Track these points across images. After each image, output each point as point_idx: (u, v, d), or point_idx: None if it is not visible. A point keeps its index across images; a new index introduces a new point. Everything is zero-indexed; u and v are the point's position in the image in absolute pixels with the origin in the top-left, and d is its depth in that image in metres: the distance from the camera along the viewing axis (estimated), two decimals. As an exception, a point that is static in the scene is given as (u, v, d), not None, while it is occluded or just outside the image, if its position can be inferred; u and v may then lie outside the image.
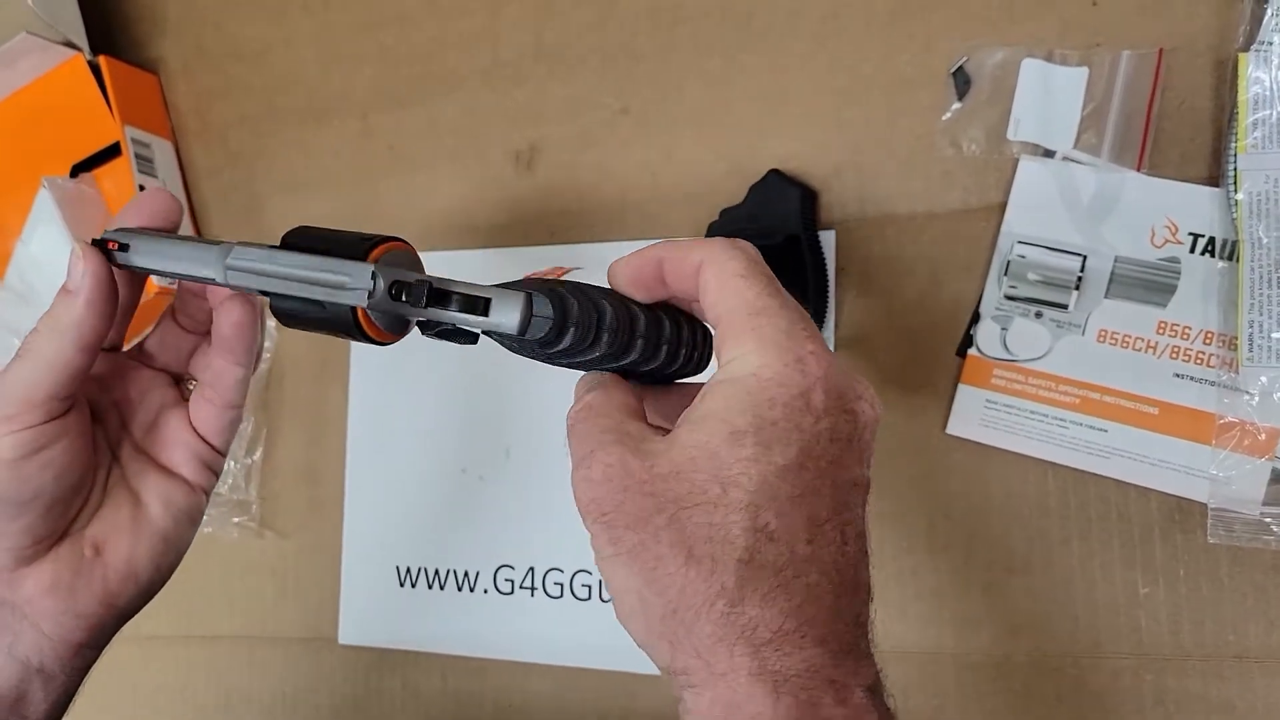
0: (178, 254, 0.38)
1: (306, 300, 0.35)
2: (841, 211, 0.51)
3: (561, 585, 0.55)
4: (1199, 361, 0.46)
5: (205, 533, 0.44)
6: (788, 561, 0.29)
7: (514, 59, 0.58)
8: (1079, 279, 0.47)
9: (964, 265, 0.49)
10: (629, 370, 0.35)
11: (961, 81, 0.49)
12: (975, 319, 0.49)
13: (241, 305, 0.40)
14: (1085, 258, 0.47)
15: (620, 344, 0.34)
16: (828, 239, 0.51)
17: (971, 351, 0.49)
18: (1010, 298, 0.48)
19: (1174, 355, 0.46)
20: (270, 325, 0.61)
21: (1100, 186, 0.47)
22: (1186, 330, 0.46)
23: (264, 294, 0.37)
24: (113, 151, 0.62)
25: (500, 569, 0.57)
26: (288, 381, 0.63)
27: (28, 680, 0.39)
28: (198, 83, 0.66)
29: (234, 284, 0.37)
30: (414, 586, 0.59)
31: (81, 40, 0.62)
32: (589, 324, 0.33)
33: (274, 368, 0.63)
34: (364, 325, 0.35)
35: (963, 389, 0.49)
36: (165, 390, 0.43)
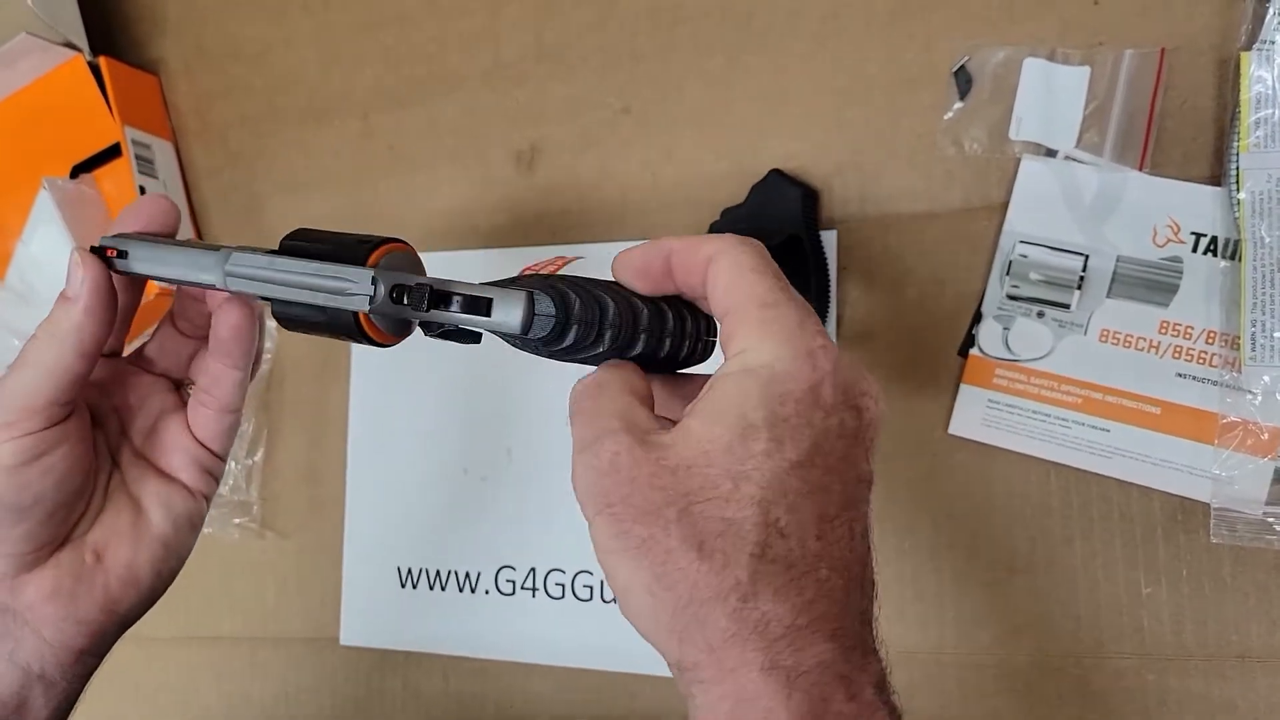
0: (176, 260, 0.38)
1: (308, 306, 0.35)
2: (843, 211, 0.51)
3: (563, 586, 0.55)
4: (1201, 361, 0.46)
5: (206, 534, 0.44)
6: (799, 557, 0.29)
7: (515, 59, 0.58)
8: (1081, 278, 0.47)
9: (966, 265, 0.49)
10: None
11: (963, 81, 0.49)
12: (977, 319, 0.49)
13: (238, 309, 0.39)
14: (1087, 257, 0.47)
15: (624, 339, 0.34)
16: (829, 239, 0.51)
17: (973, 351, 0.49)
18: (1012, 297, 0.48)
19: (1176, 355, 0.46)
20: (271, 326, 0.61)
21: (1102, 186, 0.47)
22: (1189, 330, 0.46)
23: (265, 299, 0.37)
24: (113, 152, 0.62)
25: (502, 570, 0.57)
26: (288, 382, 0.63)
27: (29, 687, 0.39)
28: (198, 83, 0.66)
29: (234, 290, 0.37)
30: (415, 587, 0.59)
31: (81, 41, 0.62)
32: (592, 320, 0.33)
33: (275, 368, 0.63)
34: (366, 329, 0.35)
35: (965, 389, 0.49)
36: (165, 395, 0.43)
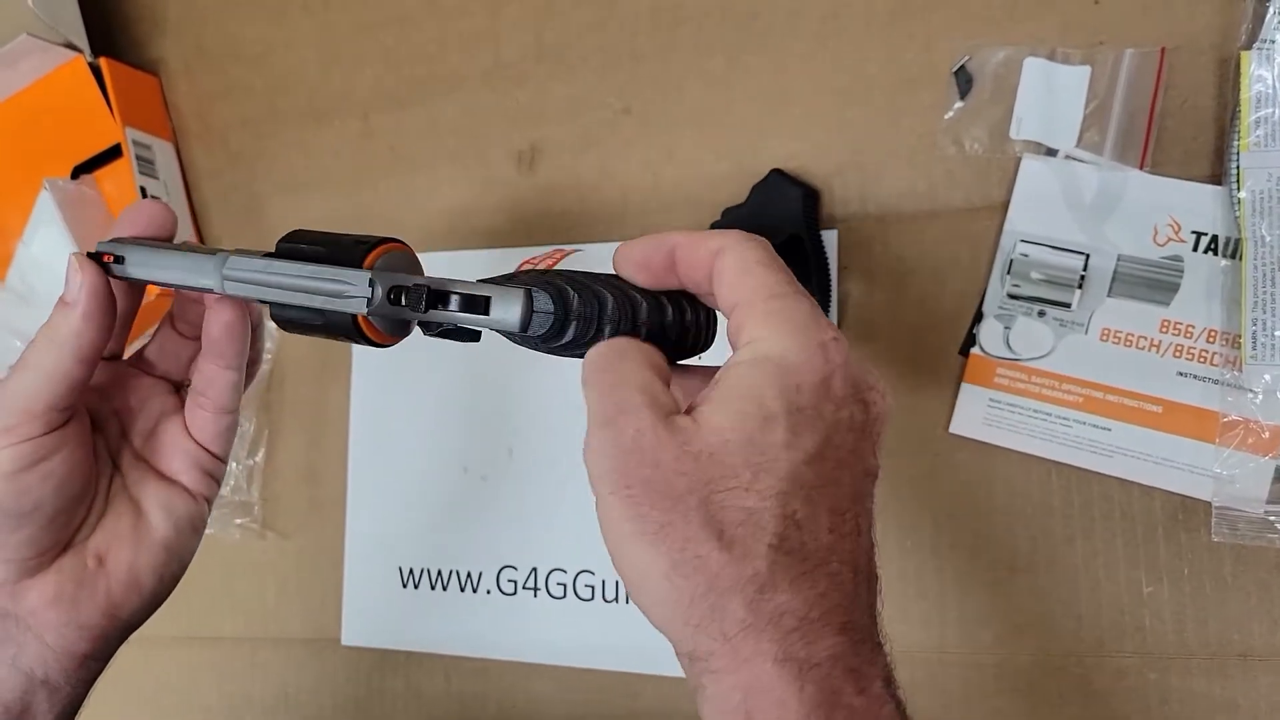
0: (173, 265, 0.38)
1: (306, 309, 0.35)
2: (844, 211, 0.51)
3: (565, 586, 0.55)
4: (1202, 360, 0.46)
5: (207, 534, 0.44)
6: (813, 550, 0.29)
7: (515, 59, 0.58)
8: (1082, 278, 0.47)
9: (967, 264, 0.49)
10: None
11: (964, 80, 0.49)
12: (978, 318, 0.49)
13: (230, 308, 0.39)
14: (1088, 256, 0.47)
15: (623, 333, 0.34)
16: (830, 239, 0.51)
17: (974, 350, 0.49)
18: (1013, 296, 0.48)
19: (1177, 354, 0.46)
20: (271, 326, 0.61)
21: (1103, 185, 0.47)
22: (1190, 329, 0.46)
23: (263, 302, 0.37)
24: (114, 153, 0.62)
25: (503, 570, 0.57)
26: (289, 382, 0.63)
27: (32, 692, 0.39)
28: (198, 84, 0.66)
29: (232, 294, 0.37)
30: (416, 587, 0.59)
31: (82, 42, 0.62)
32: (590, 315, 0.33)
33: (275, 369, 0.63)
34: (365, 330, 0.35)
35: (966, 388, 0.49)
36: (165, 398, 0.43)
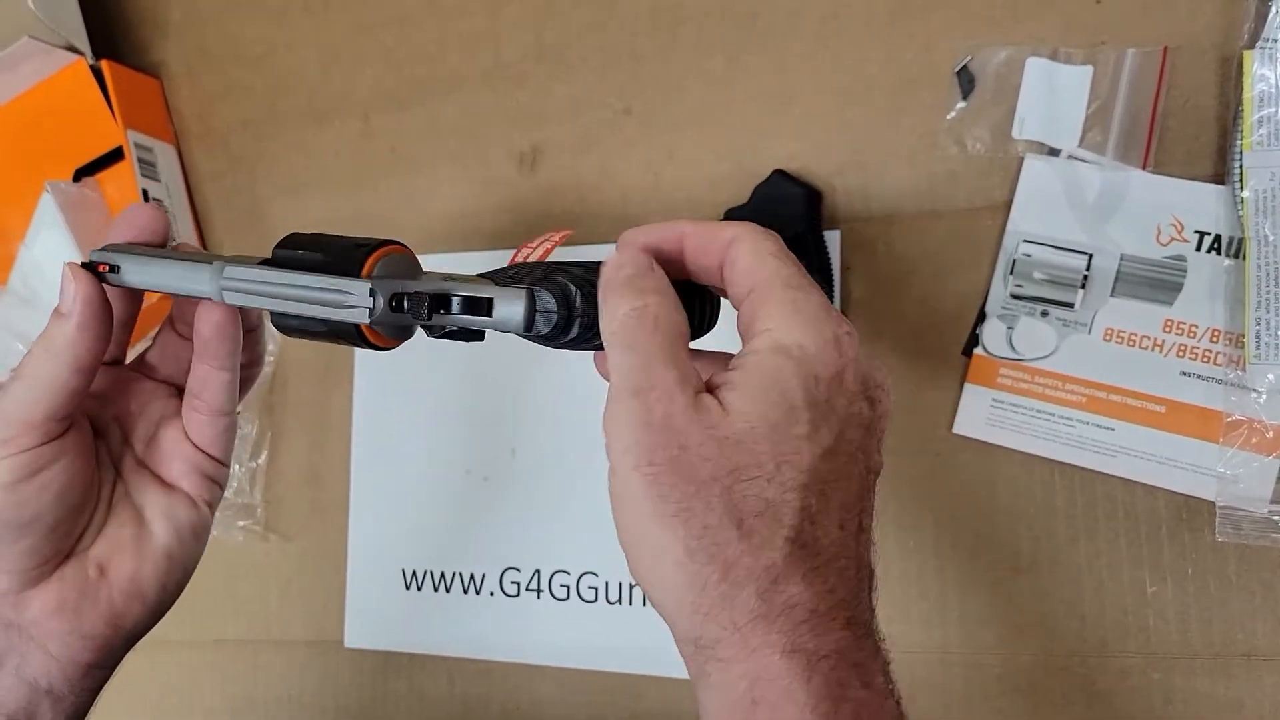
0: (169, 273, 0.37)
1: (307, 318, 0.35)
2: (846, 211, 0.51)
3: (568, 588, 0.55)
4: (1206, 359, 0.46)
5: (210, 536, 0.44)
6: (826, 544, 0.29)
7: (515, 60, 0.58)
8: (1085, 278, 0.47)
9: (969, 264, 0.49)
10: None
11: (966, 80, 0.49)
12: (981, 318, 0.49)
13: (220, 307, 0.38)
14: (1091, 256, 0.47)
15: None
16: (832, 239, 0.51)
17: (977, 351, 0.49)
18: (1016, 297, 0.48)
19: (1181, 353, 0.46)
20: (273, 328, 0.61)
21: (1105, 185, 0.47)
22: (1193, 328, 0.46)
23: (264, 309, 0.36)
24: (115, 156, 0.62)
25: (506, 571, 0.57)
26: (291, 384, 0.63)
27: (37, 702, 0.38)
28: (200, 86, 0.66)
29: (231, 303, 0.37)
30: (419, 589, 0.59)
31: (83, 44, 0.62)
32: (594, 311, 0.33)
33: (278, 371, 0.63)
34: (368, 336, 0.35)
35: (969, 388, 0.49)
36: (166, 402, 0.42)
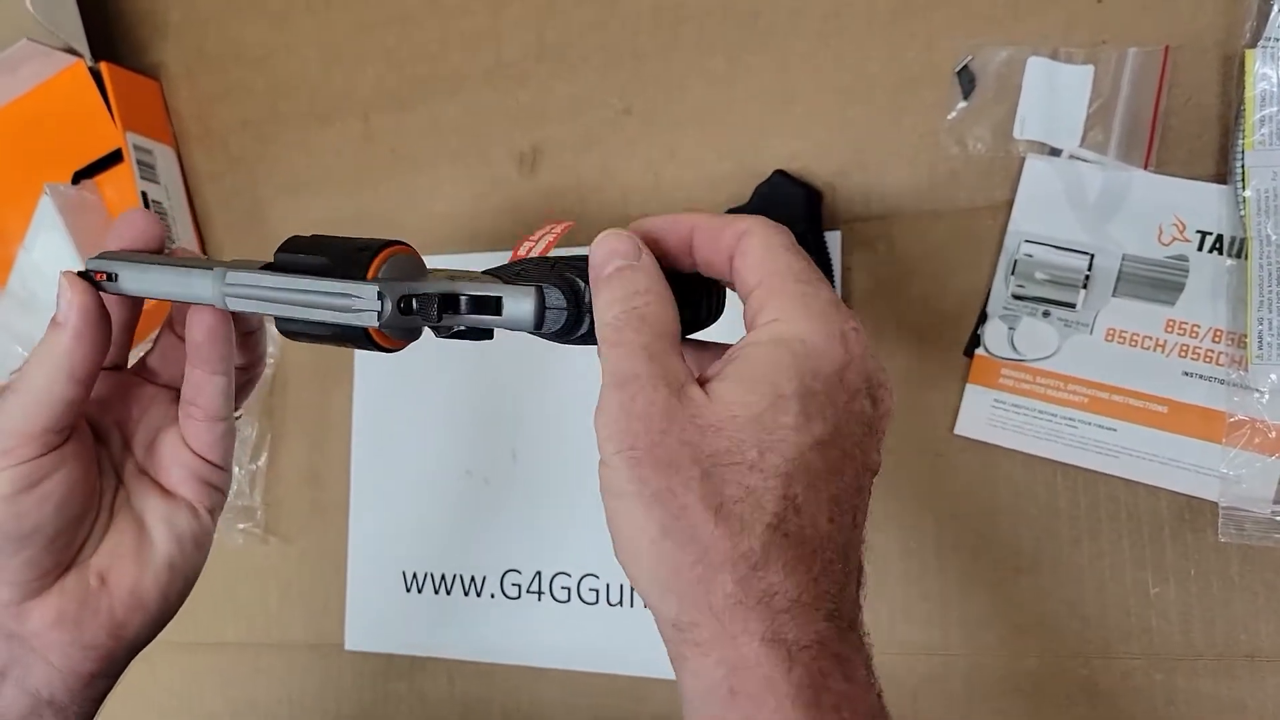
0: (168, 280, 0.37)
1: (314, 322, 0.34)
2: (847, 211, 0.51)
3: (569, 590, 0.55)
4: (1208, 360, 0.46)
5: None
6: (810, 535, 0.29)
7: (516, 59, 0.58)
8: (1086, 278, 0.47)
9: (970, 265, 0.49)
10: None
11: (966, 80, 0.49)
12: (982, 318, 0.49)
13: (212, 310, 0.38)
14: (1092, 256, 0.47)
15: None
16: (833, 239, 0.51)
17: (979, 351, 0.49)
18: (1017, 297, 0.48)
19: (1183, 353, 0.46)
20: (273, 331, 0.61)
21: (1107, 184, 0.47)
22: (1195, 328, 0.46)
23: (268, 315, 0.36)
24: (114, 158, 0.62)
25: (507, 573, 0.57)
26: (291, 386, 0.63)
27: (39, 712, 0.38)
28: (199, 87, 0.66)
29: (234, 309, 0.36)
30: (420, 592, 0.59)
31: (82, 46, 0.62)
32: None
33: (277, 373, 0.63)
34: (376, 339, 0.34)
35: (970, 389, 0.49)
36: (166, 407, 0.41)
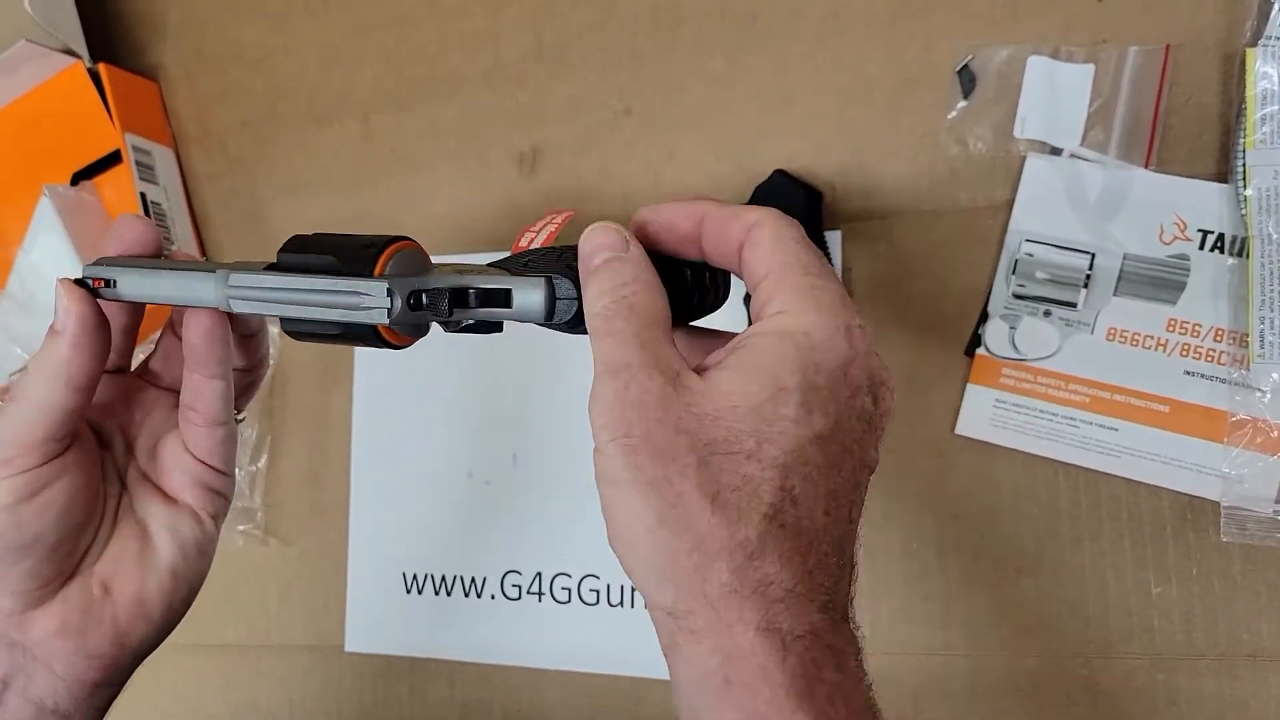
0: (169, 284, 0.36)
1: (322, 322, 0.34)
2: (847, 211, 0.51)
3: (569, 590, 0.55)
4: (1210, 359, 0.45)
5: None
6: (807, 527, 0.29)
7: (515, 60, 0.58)
8: (1087, 277, 0.47)
9: (971, 264, 0.49)
10: None
11: (967, 79, 0.49)
12: (983, 318, 0.49)
13: (209, 312, 0.37)
14: (1093, 255, 0.47)
15: None
16: (833, 239, 0.51)
17: (980, 351, 0.49)
18: (1018, 296, 0.48)
19: (1184, 353, 0.46)
20: (273, 332, 0.61)
21: (1108, 184, 0.47)
22: (1197, 327, 0.46)
23: (274, 316, 0.35)
24: (113, 159, 0.62)
25: (507, 575, 0.57)
26: (291, 388, 0.63)
27: None
28: (198, 88, 0.66)
29: (239, 312, 0.35)
30: (420, 593, 0.58)
31: (81, 48, 0.62)
32: None
33: (277, 374, 0.63)
34: (386, 336, 0.34)
35: (971, 389, 0.49)
36: (168, 411, 0.41)
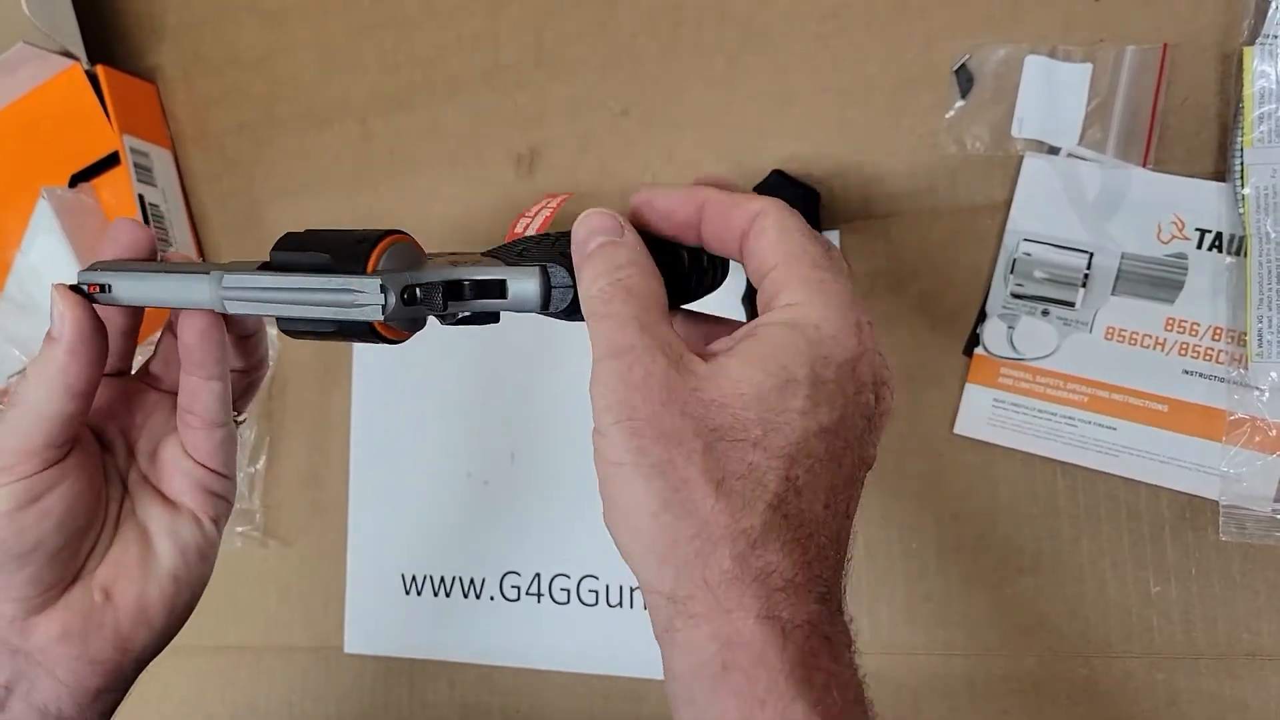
0: (164, 287, 0.36)
1: (317, 320, 0.34)
2: (845, 211, 0.51)
3: (568, 591, 0.55)
4: (1208, 358, 0.45)
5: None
6: (808, 519, 0.30)
7: (514, 61, 0.58)
8: (1085, 276, 0.47)
9: (969, 264, 0.49)
10: None
11: (964, 79, 0.49)
12: (982, 318, 0.49)
13: (203, 312, 0.37)
14: (1092, 255, 0.47)
15: None
16: (832, 239, 0.51)
17: (978, 350, 0.49)
18: (1017, 296, 0.48)
19: (1182, 352, 0.46)
20: (272, 333, 0.61)
21: (1106, 183, 0.47)
22: (1195, 326, 0.46)
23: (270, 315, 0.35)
24: (111, 161, 0.62)
25: (506, 575, 0.57)
26: (290, 388, 0.63)
27: None
28: (196, 90, 0.66)
29: (233, 313, 0.35)
30: (419, 594, 0.58)
31: (79, 49, 0.62)
32: None
33: (276, 375, 0.63)
34: (381, 332, 0.34)
35: (970, 388, 0.49)
36: (168, 414, 0.41)
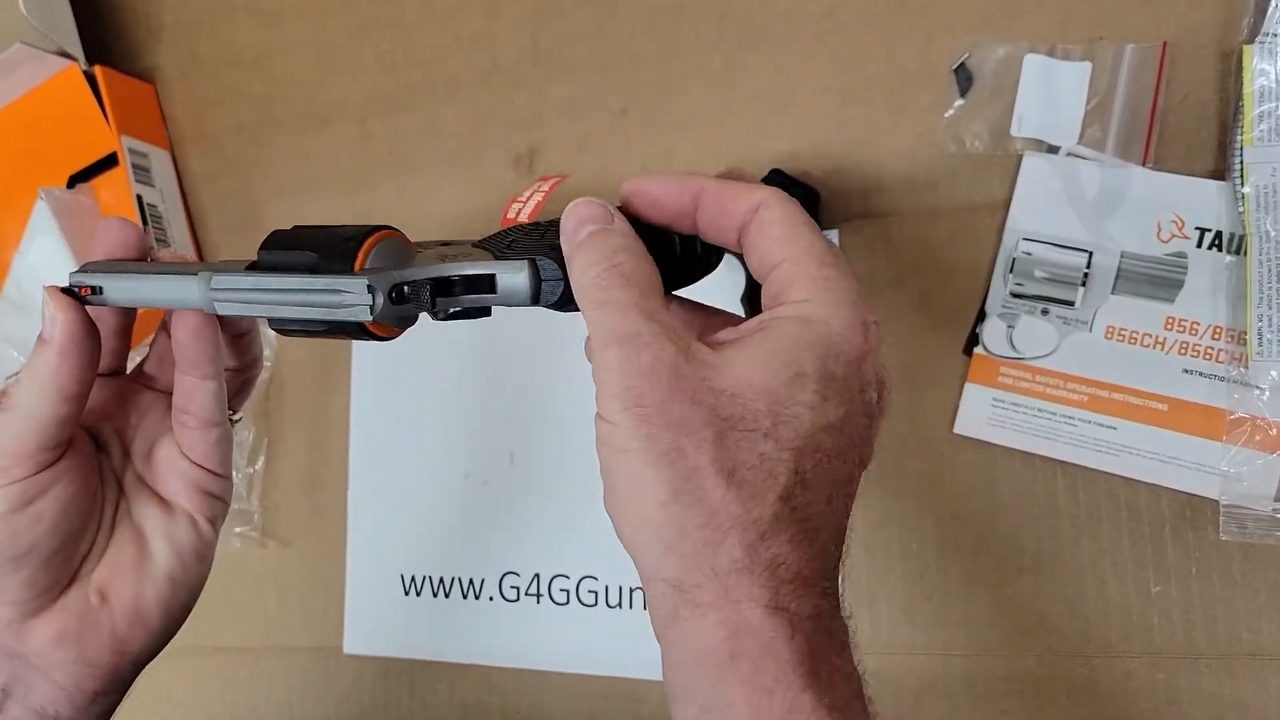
0: (154, 288, 0.36)
1: (306, 320, 0.34)
2: (845, 210, 0.51)
3: (568, 592, 0.55)
4: (1208, 357, 0.45)
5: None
6: (813, 513, 0.30)
7: (513, 61, 0.58)
8: (1085, 275, 0.47)
9: (969, 263, 0.49)
10: None
11: (963, 78, 0.49)
12: (981, 317, 0.48)
13: (196, 311, 0.37)
14: (1091, 254, 0.47)
15: None
16: (831, 238, 0.51)
17: (978, 350, 0.49)
18: (1016, 295, 0.48)
19: (1182, 351, 0.46)
20: (270, 334, 0.61)
21: (1105, 182, 0.47)
22: (1195, 326, 0.46)
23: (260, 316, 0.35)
24: (110, 161, 0.62)
25: (505, 576, 0.57)
26: (288, 389, 0.63)
27: None
28: (194, 91, 0.65)
29: (223, 313, 0.35)
30: (419, 595, 0.58)
31: (77, 50, 0.62)
32: None
33: (274, 375, 0.63)
34: (371, 330, 0.34)
35: (970, 388, 0.49)
36: (164, 414, 0.40)
